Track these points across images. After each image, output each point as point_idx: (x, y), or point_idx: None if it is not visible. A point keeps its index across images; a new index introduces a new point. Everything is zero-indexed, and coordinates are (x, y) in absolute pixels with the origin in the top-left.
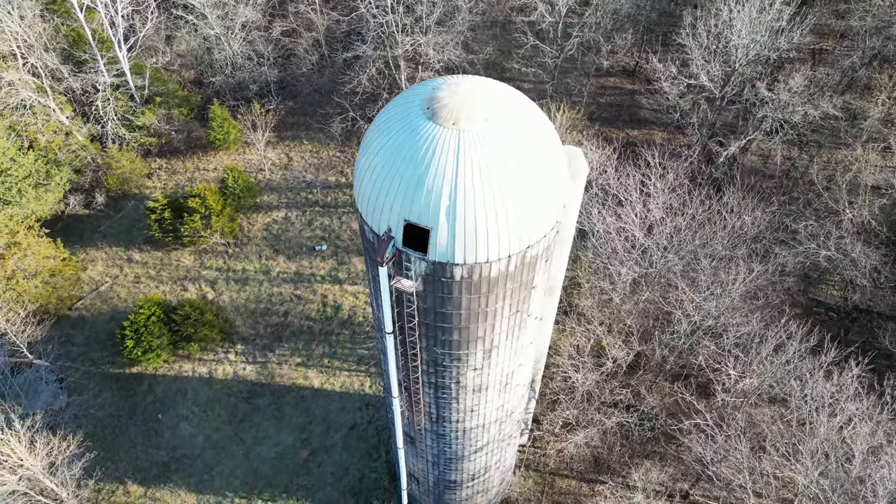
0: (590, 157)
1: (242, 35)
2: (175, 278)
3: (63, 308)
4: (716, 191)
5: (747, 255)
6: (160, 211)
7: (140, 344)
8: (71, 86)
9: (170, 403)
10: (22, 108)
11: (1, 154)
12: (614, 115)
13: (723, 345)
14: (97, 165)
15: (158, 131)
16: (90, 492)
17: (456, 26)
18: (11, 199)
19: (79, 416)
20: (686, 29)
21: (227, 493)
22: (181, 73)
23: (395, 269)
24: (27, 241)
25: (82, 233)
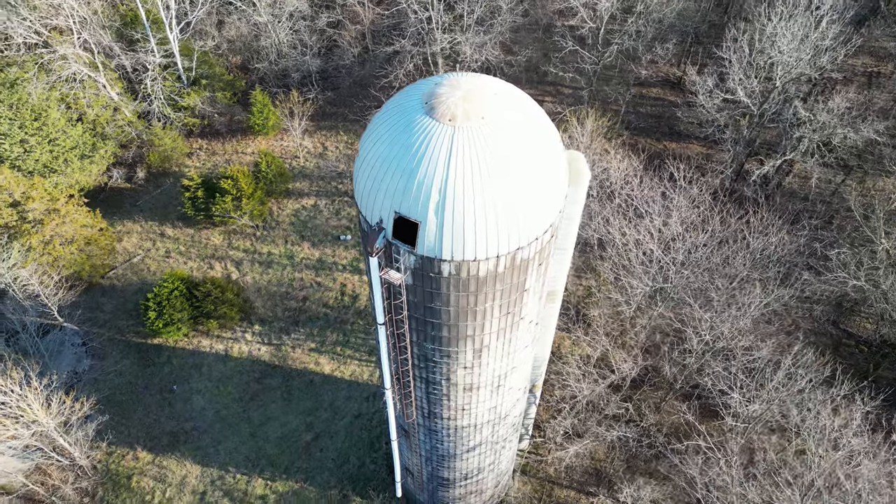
0: (615, 166)
1: (289, 24)
2: (203, 256)
3: (96, 276)
4: (739, 207)
5: (770, 278)
6: (194, 189)
7: (162, 316)
8: (122, 63)
9: (185, 376)
10: (72, 81)
11: (51, 124)
12: (652, 126)
13: (733, 367)
14: (141, 142)
15: (202, 113)
16: (102, 454)
17: (496, 27)
18: (58, 167)
19: (99, 379)
20: (727, 42)
21: (231, 469)
22: (228, 58)
23: (385, 260)
24: (66, 209)
25: (122, 205)
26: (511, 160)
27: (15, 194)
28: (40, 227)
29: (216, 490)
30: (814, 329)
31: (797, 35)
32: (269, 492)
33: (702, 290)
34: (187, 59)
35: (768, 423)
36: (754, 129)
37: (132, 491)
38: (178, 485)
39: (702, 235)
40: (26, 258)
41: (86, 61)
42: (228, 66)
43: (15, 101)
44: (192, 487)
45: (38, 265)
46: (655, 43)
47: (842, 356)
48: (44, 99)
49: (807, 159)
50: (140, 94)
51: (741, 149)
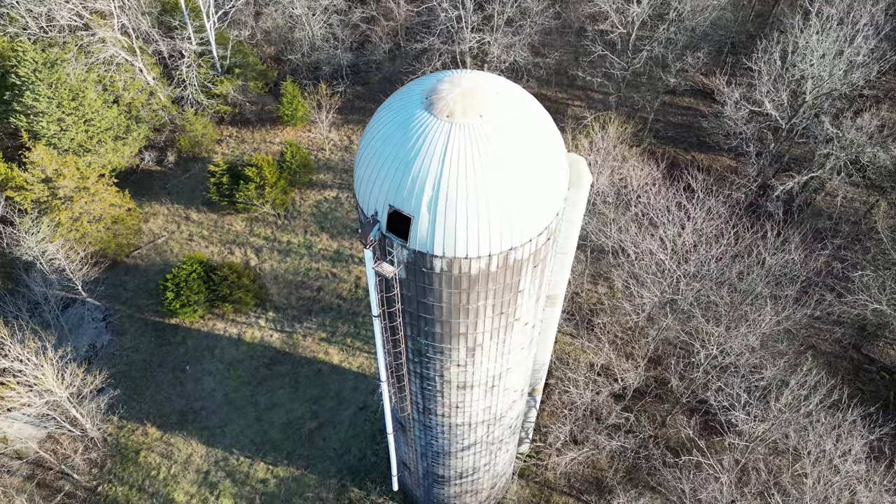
0: (634, 174)
1: (324, 18)
2: (224, 241)
3: (121, 254)
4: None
5: (786, 297)
6: (219, 175)
7: (179, 297)
8: (159, 49)
9: (198, 357)
10: (110, 64)
11: (87, 105)
12: (681, 136)
13: (739, 384)
14: (174, 126)
15: (234, 101)
16: (113, 427)
17: (525, 28)
18: (92, 147)
19: (116, 355)
20: (759, 53)
21: (235, 451)
22: (262, 48)
23: (380, 252)
24: (96, 188)
25: (151, 187)
26: (507, 160)
27: (47, 170)
28: (70, 203)
29: (219, 470)
30: (834, 352)
31: (830, 50)
32: (270, 476)
33: (712, 305)
34: (222, 47)
35: (771, 445)
36: (782, 143)
37: (139, 465)
38: (184, 462)
39: (714, 249)
40: (55, 233)
41: (124, 45)
42: (262, 57)
43: (54, 80)
44: (197, 466)
45: (65, 240)
46: (687, 51)
47: (861, 381)
48: (82, 80)
49: (832, 177)
50: (175, 80)
51: (766, 163)
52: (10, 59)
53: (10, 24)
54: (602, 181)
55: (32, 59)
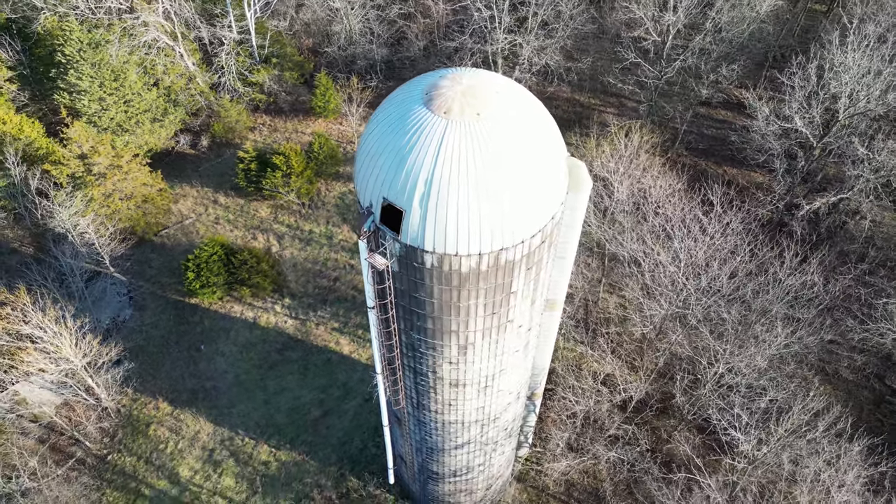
0: (656, 184)
1: (362, 13)
2: (249, 226)
3: (149, 233)
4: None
5: (799, 319)
6: (248, 162)
7: (199, 278)
8: (200, 35)
9: (214, 337)
10: (150, 47)
11: (128, 86)
12: (713, 149)
13: (743, 404)
14: (210, 112)
15: (269, 90)
16: (128, 399)
17: (559, 32)
18: (129, 128)
19: (136, 329)
20: (794, 68)
21: (240, 431)
22: (301, 40)
23: (375, 244)
24: (129, 167)
25: (184, 170)
26: (502, 159)
27: (84, 147)
28: (103, 180)
29: (224, 449)
30: (855, 380)
31: (867, 68)
32: (272, 459)
33: (721, 322)
34: (261, 36)
35: (769, 468)
36: (814, 162)
37: (148, 438)
38: (191, 439)
39: (728, 265)
40: (87, 208)
41: (166, 30)
42: (300, 48)
43: (98, 60)
44: (203, 443)
45: (96, 215)
46: (722, 63)
47: (882, 413)
48: (124, 62)
49: (861, 199)
50: (214, 67)
51: (793, 180)
52: (58, 38)
53: (60, 4)
54: (622, 190)
55: (78, 38)
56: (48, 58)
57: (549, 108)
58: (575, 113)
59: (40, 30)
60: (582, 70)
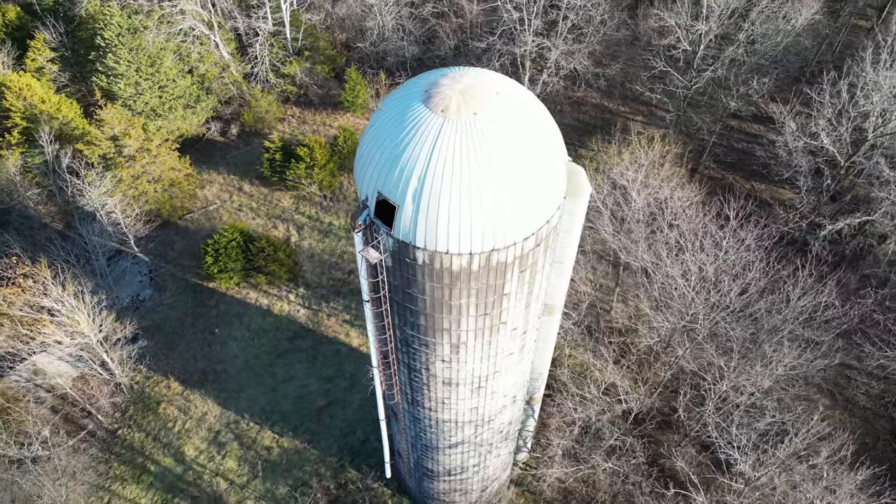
0: (674, 195)
1: (396, 10)
2: (271, 215)
3: (174, 216)
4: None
5: (806, 339)
6: (273, 152)
7: (217, 262)
8: (235, 25)
9: (228, 322)
10: (186, 35)
11: (163, 72)
12: (742, 163)
13: (746, 423)
14: (242, 101)
15: (301, 82)
16: (141, 376)
17: (589, 36)
18: (163, 113)
19: (154, 309)
20: (824, 84)
21: (246, 415)
22: (334, 34)
23: (371, 238)
24: (158, 151)
25: (213, 156)
26: (496, 160)
27: (116, 129)
28: (132, 162)
29: (229, 432)
30: (873, 408)
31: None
32: (274, 445)
33: (729, 339)
34: (295, 29)
35: (765, 492)
36: (840, 181)
37: (158, 416)
38: (198, 419)
39: (739, 281)
40: (115, 188)
41: (203, 19)
42: (333, 42)
43: (135, 45)
44: (209, 425)
45: (124, 196)
46: (753, 75)
47: None
48: (160, 48)
49: (886, 222)
50: (248, 57)
51: (819, 199)
52: (99, 22)
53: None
54: (638, 200)
55: (118, 23)
56: (89, 41)
57: (575, 112)
58: (602, 119)
59: (83, 13)
60: (612, 76)
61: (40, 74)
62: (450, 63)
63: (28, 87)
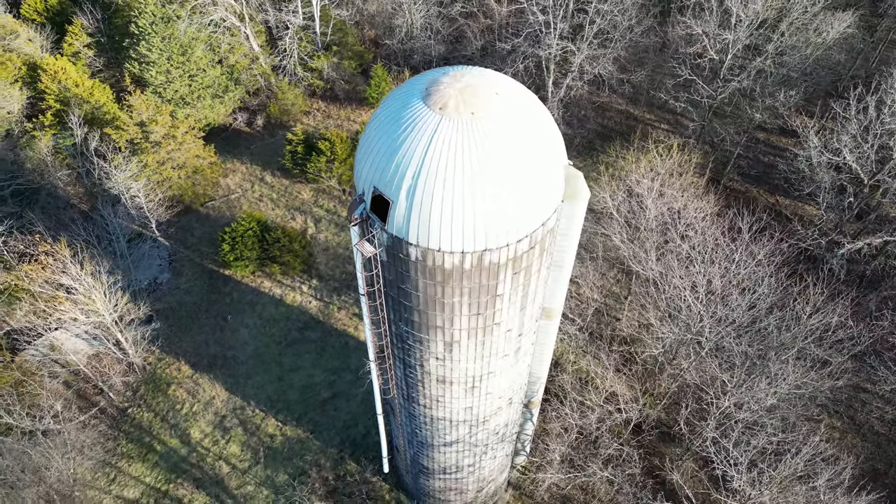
0: (682, 204)
1: (425, 8)
2: (290, 206)
3: (196, 203)
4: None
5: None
6: (295, 144)
7: (234, 251)
8: (266, 18)
9: (241, 310)
10: (216, 26)
11: (194, 62)
12: (767, 176)
13: (744, 440)
14: (269, 93)
15: (327, 77)
16: (154, 358)
17: (615, 42)
18: (191, 101)
19: (170, 292)
20: (851, 100)
21: (252, 402)
22: (363, 30)
23: (367, 232)
24: (184, 138)
25: (237, 146)
26: (491, 160)
27: (143, 115)
28: (158, 148)
29: (234, 418)
30: (887, 434)
31: None
32: (278, 433)
33: (733, 354)
34: (324, 24)
35: None
36: (863, 199)
37: (167, 397)
38: (206, 403)
39: (748, 296)
40: (141, 173)
41: (235, 11)
42: (362, 38)
43: (168, 34)
44: (216, 409)
45: (148, 181)
46: (781, 88)
47: None
48: (192, 38)
49: None
50: (277, 50)
51: (841, 216)
52: (134, 10)
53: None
54: (652, 209)
55: (152, 12)
56: (124, 28)
57: (600, 117)
58: (627, 125)
59: (119, 1)
60: (639, 83)
61: (76, 59)
62: (476, 63)
63: (63, 70)
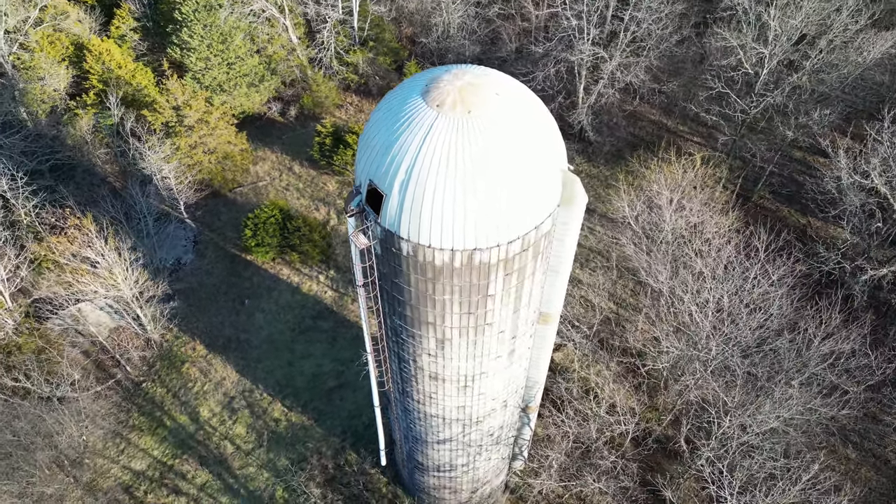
0: (697, 220)
1: (464, 8)
2: (315, 197)
3: (225, 188)
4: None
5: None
6: (324, 136)
7: (255, 236)
8: (305, 11)
9: (258, 295)
10: (256, 16)
11: (232, 50)
12: (798, 195)
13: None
14: (304, 85)
15: (362, 72)
16: (171, 335)
17: (647, 51)
18: (228, 88)
19: (192, 273)
20: (887, 122)
21: (260, 385)
22: (401, 27)
23: (361, 223)
24: (216, 124)
25: (270, 135)
26: (484, 160)
27: (179, 99)
28: (191, 132)
29: (242, 399)
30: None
31: None
32: (283, 417)
33: (734, 375)
34: (362, 19)
35: None
36: (893, 224)
37: (181, 374)
38: (216, 383)
39: (754, 315)
40: (173, 155)
41: (275, 2)
42: (399, 35)
43: (209, 22)
44: (226, 390)
45: (180, 164)
46: (816, 106)
47: None
48: (233, 27)
49: None
50: (314, 42)
51: (867, 241)
52: None
53: None
54: (669, 221)
55: (195, 0)
56: (168, 14)
57: (631, 126)
58: (658, 136)
59: None
60: (674, 94)
61: (122, 42)
62: (510, 65)
63: (108, 51)
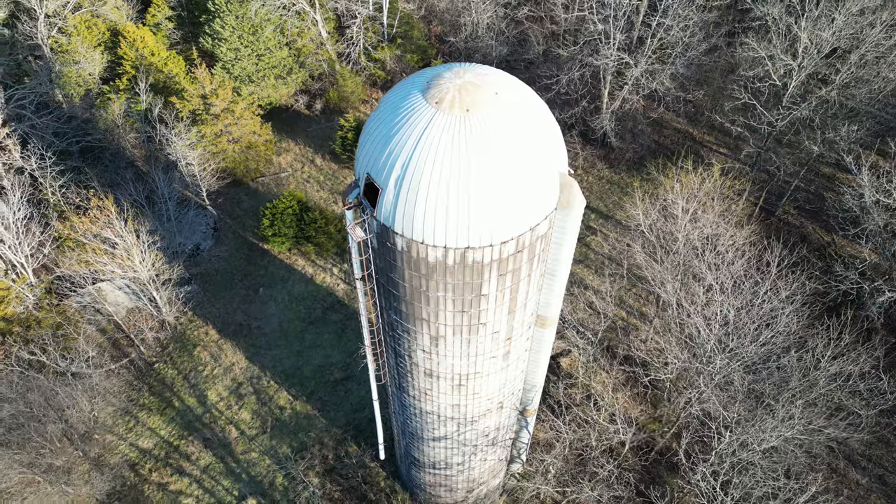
0: (713, 232)
1: (493, 9)
2: (334, 190)
3: (247, 178)
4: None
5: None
6: (346, 130)
7: (272, 226)
8: (335, 6)
9: (272, 284)
10: (287, 9)
11: (262, 42)
12: (822, 211)
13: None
14: (331, 79)
15: (390, 68)
16: (186, 319)
17: (674, 58)
18: (256, 80)
19: (210, 259)
20: None
21: (267, 372)
22: (430, 25)
23: (359, 216)
24: (242, 113)
25: (295, 127)
26: (480, 159)
27: (206, 88)
28: (216, 120)
29: (250, 386)
30: None
31: None
32: (288, 406)
33: (737, 391)
34: (392, 16)
35: None
36: None
37: (192, 357)
38: (226, 368)
39: (762, 331)
40: (198, 143)
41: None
42: (427, 34)
43: (241, 14)
44: (234, 376)
45: (204, 151)
46: (844, 121)
47: None
48: (264, 19)
49: None
50: (344, 37)
51: (889, 262)
52: None
53: None
54: (682, 232)
55: None
56: (202, 4)
57: (656, 134)
58: (681, 144)
59: None
60: (701, 103)
61: (157, 30)
62: (536, 68)
63: (142, 38)
